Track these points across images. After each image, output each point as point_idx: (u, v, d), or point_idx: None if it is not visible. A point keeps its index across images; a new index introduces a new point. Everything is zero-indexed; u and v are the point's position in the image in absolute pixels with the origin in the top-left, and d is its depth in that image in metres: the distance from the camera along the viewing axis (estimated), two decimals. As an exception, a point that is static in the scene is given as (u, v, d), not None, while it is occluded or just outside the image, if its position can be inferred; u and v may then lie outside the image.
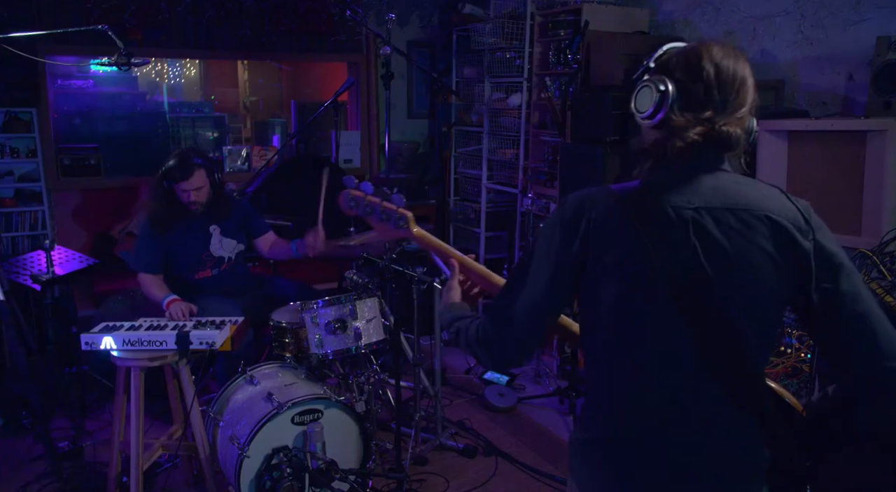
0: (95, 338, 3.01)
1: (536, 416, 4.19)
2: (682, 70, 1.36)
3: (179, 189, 3.60)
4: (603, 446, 1.43)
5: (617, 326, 1.36)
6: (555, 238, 1.39)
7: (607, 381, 1.41)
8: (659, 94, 1.34)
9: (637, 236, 1.31)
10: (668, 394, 1.35)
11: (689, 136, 1.32)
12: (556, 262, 1.38)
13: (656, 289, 1.31)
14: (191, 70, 8.43)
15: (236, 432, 2.96)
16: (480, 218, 5.73)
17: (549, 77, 4.92)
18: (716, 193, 1.33)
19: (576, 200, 1.39)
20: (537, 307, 1.41)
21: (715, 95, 1.33)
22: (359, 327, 3.29)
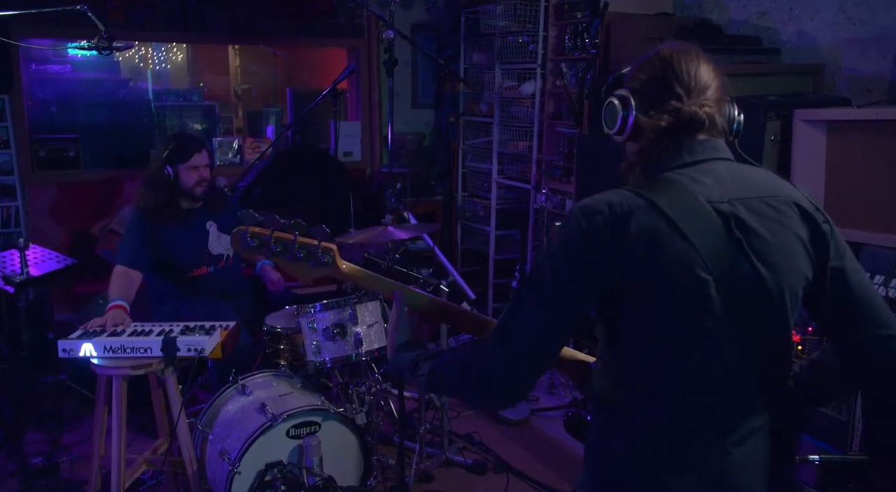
0: (74, 344, 3.00)
1: (551, 429, 4.18)
2: (636, 76, 1.47)
3: (188, 168, 3.66)
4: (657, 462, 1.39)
5: (667, 336, 1.35)
6: (578, 251, 1.34)
7: (654, 393, 1.39)
8: (619, 100, 1.45)
9: (682, 237, 1.31)
10: (719, 399, 1.38)
11: (659, 123, 1.41)
12: (582, 278, 1.34)
13: (706, 291, 1.32)
14: (178, 55, 8.43)
15: (227, 446, 2.96)
16: (490, 215, 5.72)
17: (565, 63, 4.91)
18: (737, 182, 1.40)
19: (595, 208, 1.35)
20: (556, 332, 1.37)
21: (674, 86, 1.42)
22: (359, 333, 3.28)
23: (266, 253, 1.66)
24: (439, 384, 1.48)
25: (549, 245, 1.32)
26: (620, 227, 1.31)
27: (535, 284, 1.35)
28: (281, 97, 7.88)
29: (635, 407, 1.41)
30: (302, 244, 1.66)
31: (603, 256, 1.32)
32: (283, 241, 1.65)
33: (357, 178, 6.02)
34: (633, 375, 1.40)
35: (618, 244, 1.31)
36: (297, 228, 1.65)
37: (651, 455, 1.39)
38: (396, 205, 4.37)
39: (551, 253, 1.36)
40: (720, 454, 1.38)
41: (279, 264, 1.68)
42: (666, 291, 1.32)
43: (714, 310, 1.32)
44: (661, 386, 1.37)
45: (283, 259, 1.67)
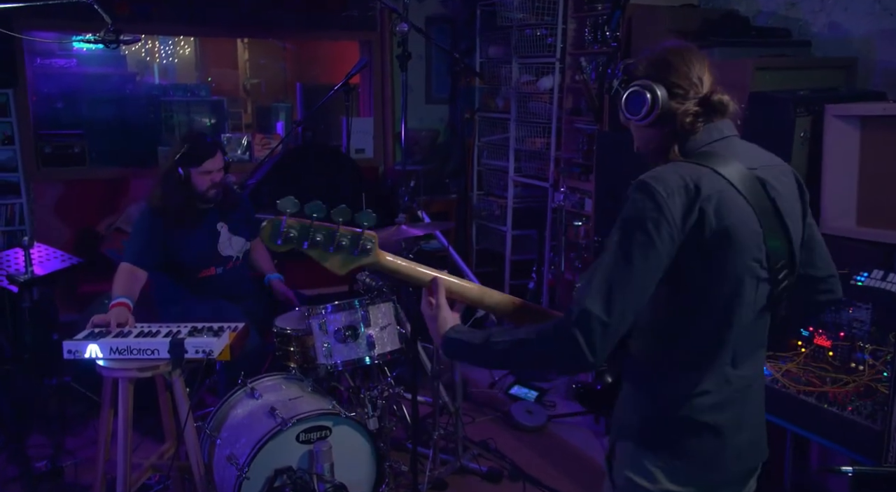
0: (79, 345, 3.00)
1: (569, 436, 4.17)
2: (654, 68, 1.71)
3: (200, 172, 3.64)
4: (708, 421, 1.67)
5: (726, 283, 1.61)
6: (662, 214, 1.54)
7: (705, 352, 1.66)
8: (651, 93, 1.67)
9: (742, 196, 1.60)
10: (751, 355, 1.72)
11: (692, 109, 1.67)
12: (670, 238, 1.54)
13: (759, 242, 1.62)
14: (185, 49, 8.48)
15: (235, 451, 2.96)
16: (506, 215, 5.71)
17: (585, 57, 4.89)
18: (753, 154, 1.72)
19: (668, 177, 1.57)
20: (647, 292, 1.55)
21: (692, 77, 1.69)
22: (372, 335, 3.28)
23: (302, 244, 1.62)
24: (524, 354, 1.60)
25: (625, 216, 1.43)
26: (695, 188, 1.55)
27: (627, 250, 1.54)
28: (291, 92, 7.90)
29: (677, 354, 1.67)
30: (345, 232, 1.64)
31: (684, 217, 1.55)
32: (325, 229, 1.63)
33: (369, 175, 6.03)
34: (682, 325, 1.65)
35: (695, 205, 1.55)
36: (342, 214, 1.62)
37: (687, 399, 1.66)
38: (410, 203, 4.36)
39: (635, 220, 1.55)
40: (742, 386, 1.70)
41: (314, 256, 1.66)
42: (731, 243, 1.58)
43: (761, 258, 1.63)
44: (707, 330, 1.64)
45: (320, 250, 1.65)
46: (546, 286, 5.35)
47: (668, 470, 1.68)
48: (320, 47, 8.27)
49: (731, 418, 1.69)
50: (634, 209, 1.56)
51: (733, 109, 1.72)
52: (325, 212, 1.61)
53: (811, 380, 2.62)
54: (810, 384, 2.59)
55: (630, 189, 1.59)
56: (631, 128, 1.80)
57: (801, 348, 2.81)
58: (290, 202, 1.60)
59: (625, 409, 1.77)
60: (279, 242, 1.62)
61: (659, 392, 1.70)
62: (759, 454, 1.79)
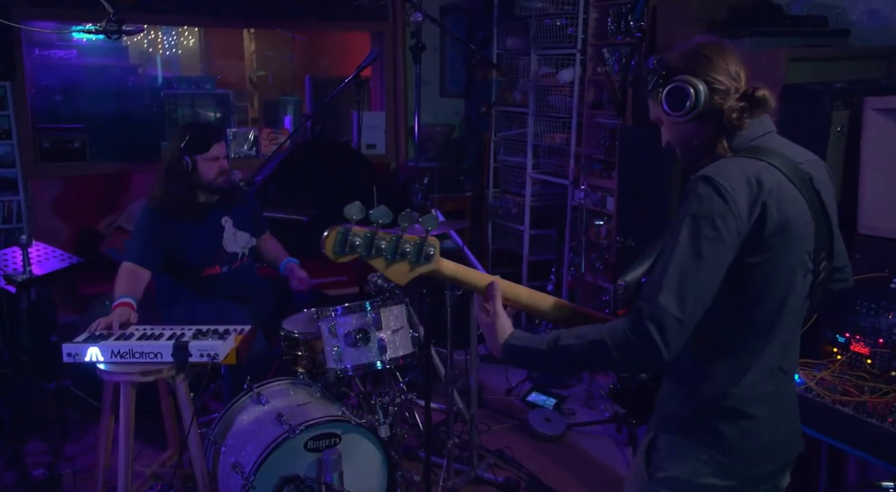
0: (79, 348, 3.02)
1: (589, 446, 4.16)
2: (692, 63, 1.77)
3: (207, 158, 3.68)
4: (754, 413, 1.74)
5: (782, 274, 1.70)
6: (729, 209, 1.62)
7: (756, 344, 1.74)
8: (694, 89, 1.74)
9: (796, 188, 1.70)
10: (793, 345, 1.82)
11: (739, 104, 1.74)
12: (737, 232, 1.62)
13: (810, 233, 1.72)
14: (189, 40, 8.51)
15: (241, 458, 2.97)
16: (524, 213, 5.70)
17: (608, 48, 4.88)
18: (795, 149, 1.80)
19: (731, 173, 1.65)
20: (712, 288, 1.63)
21: (731, 72, 1.76)
22: (383, 339, 3.27)
23: (367, 253, 1.60)
24: (596, 355, 1.64)
25: (692, 212, 1.47)
26: (757, 183, 1.64)
27: (697, 245, 1.61)
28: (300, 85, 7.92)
29: (726, 346, 1.75)
30: (409, 239, 1.64)
31: (749, 211, 1.63)
32: (389, 236, 1.63)
33: (381, 172, 6.03)
34: (736, 318, 1.72)
35: (759, 199, 1.63)
36: (407, 219, 1.62)
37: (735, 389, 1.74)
38: (423, 202, 4.36)
39: (703, 214, 1.62)
40: (785, 377, 1.80)
41: (377, 266, 1.65)
42: (790, 236, 1.67)
43: (811, 250, 1.73)
44: (761, 322, 1.72)
45: (382, 259, 1.65)
46: (565, 288, 5.34)
47: (712, 463, 1.74)
48: (330, 38, 8.28)
49: (775, 409, 1.77)
50: (701, 204, 1.63)
51: (773, 104, 1.79)
52: (392, 217, 1.60)
53: (848, 389, 2.59)
54: (847, 394, 2.56)
55: (691, 184, 1.66)
56: (664, 124, 1.85)
57: (837, 355, 2.78)
58: (357, 208, 1.57)
59: (668, 402, 1.84)
60: (346, 250, 1.60)
61: (705, 384, 1.76)
62: (797, 446, 1.86)
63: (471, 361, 3.87)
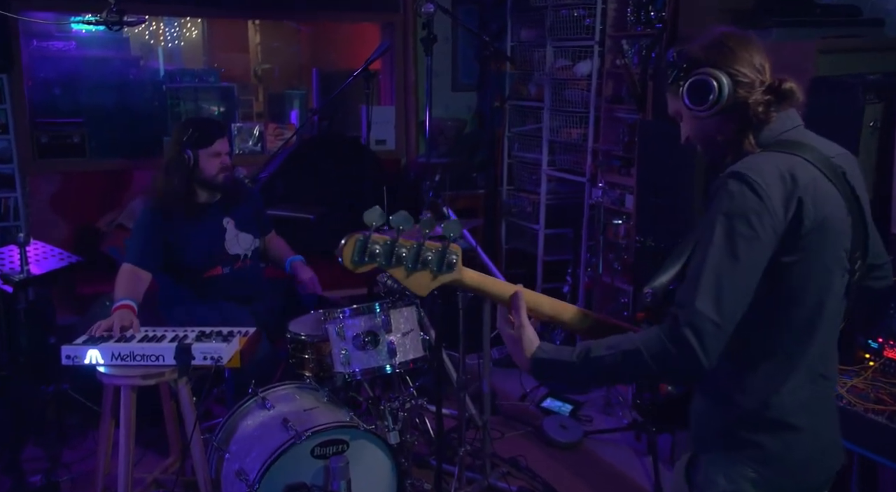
0: (78, 350, 3.02)
1: (606, 454, 4.15)
2: (716, 55, 1.74)
3: (210, 154, 3.69)
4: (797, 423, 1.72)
5: (820, 272, 1.68)
6: (764, 208, 1.60)
7: (795, 349, 1.72)
8: (717, 82, 1.72)
9: (832, 184, 1.68)
10: (832, 350, 1.80)
11: (765, 98, 1.72)
12: (773, 231, 1.61)
13: (846, 228, 1.72)
14: (192, 31, 8.53)
15: (245, 465, 2.97)
16: (539, 212, 5.69)
17: (627, 39, 4.86)
18: (825, 142, 1.78)
19: (764, 170, 1.63)
20: (749, 289, 1.61)
21: (756, 65, 1.74)
22: (393, 342, 3.27)
23: (387, 262, 1.56)
24: (631, 366, 1.62)
25: (725, 210, 1.56)
26: (792, 178, 1.63)
27: (732, 245, 1.60)
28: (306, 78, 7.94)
29: (764, 352, 1.72)
30: (430, 246, 1.60)
31: (785, 208, 1.62)
32: (409, 243, 1.58)
33: (391, 169, 6.03)
34: (773, 321, 1.70)
35: (794, 195, 1.62)
36: (428, 225, 1.57)
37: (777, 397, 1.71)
38: (434, 199, 4.35)
39: (737, 213, 1.60)
40: (826, 384, 1.78)
41: (397, 276, 1.61)
42: (827, 233, 1.66)
43: (848, 248, 1.73)
44: (799, 325, 1.70)
45: (403, 269, 1.61)
46: (582, 290, 5.32)
47: (757, 479, 1.72)
48: (338, 30, 8.28)
49: (817, 418, 1.75)
50: (734, 202, 1.61)
51: (800, 97, 1.77)
52: (413, 222, 1.55)
53: (881, 397, 2.56)
54: (880, 402, 2.54)
55: (720, 182, 1.64)
56: (684, 119, 1.83)
57: (869, 362, 2.75)
58: (378, 214, 1.52)
59: (703, 418, 1.81)
60: (365, 259, 1.55)
61: (743, 394, 1.73)
62: (840, 459, 1.83)
63: (484, 365, 3.86)
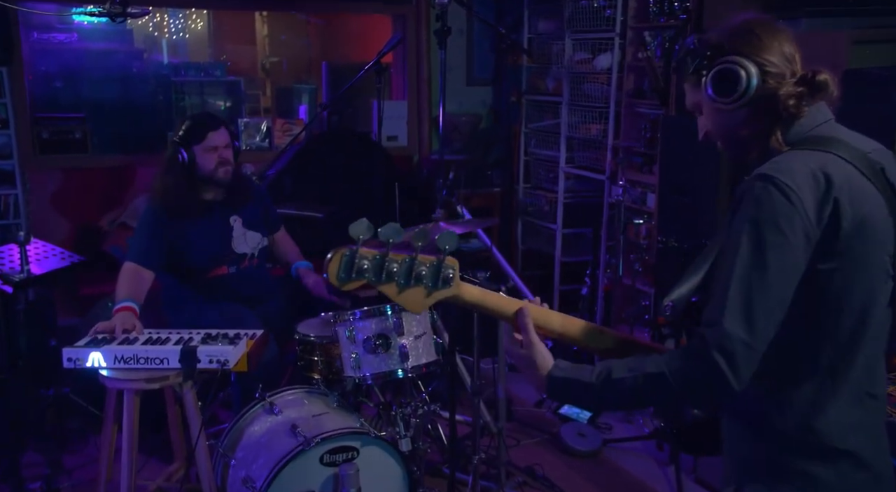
0: (80, 353, 3.02)
1: (627, 463, 4.13)
2: (743, 44, 1.67)
3: (205, 149, 3.67)
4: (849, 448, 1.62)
5: (863, 280, 1.59)
6: (796, 213, 1.53)
7: (839, 365, 1.62)
8: (745, 71, 1.64)
9: (870, 182, 1.60)
10: (880, 365, 1.69)
11: (797, 89, 1.65)
12: (806, 239, 1.53)
13: (889, 230, 1.63)
14: (197, 23, 8.57)
15: (251, 473, 2.98)
16: (556, 211, 5.68)
17: (649, 31, 4.85)
18: (859, 137, 1.70)
19: (795, 170, 1.56)
20: (783, 302, 1.54)
21: (786, 54, 1.68)
22: (405, 345, 3.27)
23: (376, 278, 1.50)
24: (656, 389, 1.57)
25: (751, 216, 1.51)
26: (825, 178, 1.55)
27: (760, 254, 1.53)
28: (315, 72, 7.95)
29: (804, 369, 1.63)
30: (424, 260, 1.53)
31: (818, 210, 1.54)
32: (401, 258, 1.52)
33: (403, 166, 6.03)
34: (813, 334, 1.61)
35: (829, 196, 1.54)
36: (420, 237, 1.51)
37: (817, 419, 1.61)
38: (448, 198, 4.35)
39: (764, 218, 1.54)
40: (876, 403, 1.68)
41: (388, 293, 1.55)
42: (868, 236, 1.58)
43: (892, 252, 1.64)
44: (842, 339, 1.61)
45: (394, 285, 1.54)
46: (601, 292, 5.31)
47: None
48: (349, 22, 8.30)
49: (871, 441, 1.66)
50: (761, 206, 1.54)
51: (834, 90, 1.71)
52: (402, 234, 1.49)
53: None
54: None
55: (747, 185, 1.58)
56: (704, 112, 1.77)
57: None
58: (365, 227, 1.47)
59: (739, 445, 1.73)
60: (353, 276, 1.50)
61: (782, 417, 1.64)
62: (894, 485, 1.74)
63: (499, 369, 3.85)
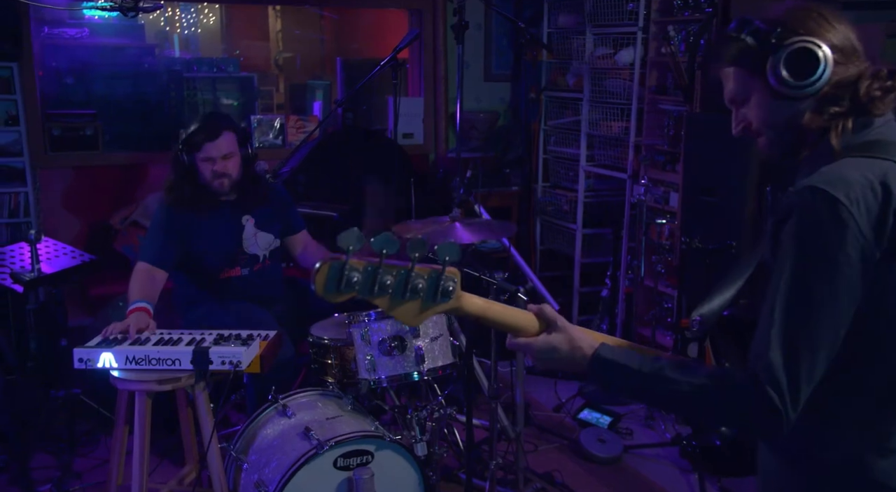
0: (91, 353, 3.04)
1: (648, 470, 4.13)
2: (811, 23, 1.53)
3: (202, 158, 3.66)
4: None
5: None
6: (853, 236, 1.42)
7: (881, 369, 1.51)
8: (822, 52, 1.50)
9: None
10: None
11: (881, 83, 1.52)
12: (859, 262, 1.43)
13: None
14: (210, 18, 8.59)
15: (264, 476, 2.99)
16: (576, 211, 5.68)
17: (673, 25, 4.84)
18: None
19: (850, 182, 1.44)
20: (838, 328, 1.45)
21: (853, 42, 1.55)
22: (421, 348, 3.28)
23: (368, 291, 1.43)
24: (701, 403, 1.52)
25: (799, 236, 1.41)
26: (884, 189, 1.43)
27: (809, 280, 1.43)
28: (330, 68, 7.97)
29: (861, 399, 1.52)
30: (421, 271, 1.46)
31: (877, 227, 1.43)
32: (396, 269, 1.44)
33: (419, 164, 6.04)
34: (871, 361, 1.50)
35: (888, 209, 1.43)
36: (417, 247, 1.43)
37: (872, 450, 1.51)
38: (465, 197, 4.37)
39: (814, 239, 1.43)
40: None
41: (381, 306, 1.48)
42: None
43: None
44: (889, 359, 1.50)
45: (389, 297, 1.46)
46: (622, 295, 5.30)
47: None
48: (364, 16, 8.30)
49: None
50: (810, 226, 1.44)
51: None
52: (397, 245, 1.42)
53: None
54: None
55: (795, 199, 1.47)
56: (755, 101, 1.60)
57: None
58: (355, 236, 1.39)
59: (783, 479, 1.63)
60: (341, 288, 1.41)
61: (830, 451, 1.55)
62: None
63: (517, 373, 3.85)
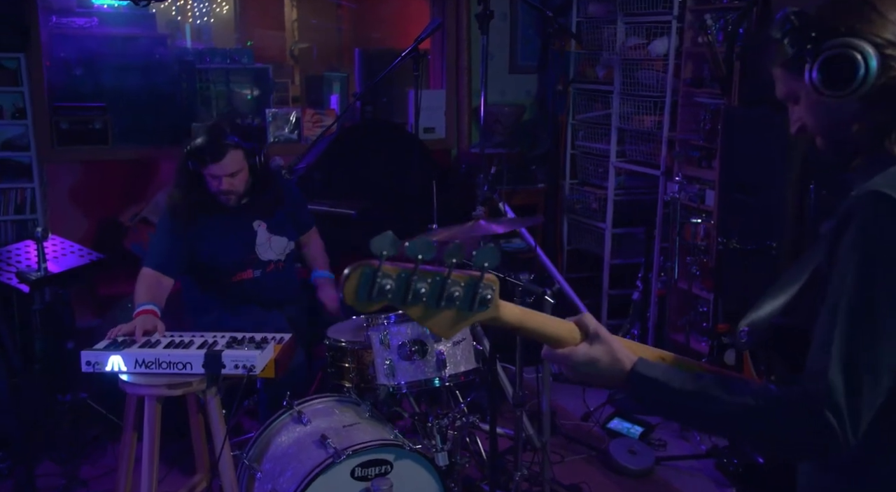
0: (99, 356, 3.05)
1: (682, 484, 4.12)
2: (853, 18, 1.48)
3: (208, 174, 3.66)
4: None
5: None
6: None
7: None
8: (863, 57, 1.45)
9: None
10: None
11: None
12: None
13: None
14: (223, 7, 8.63)
15: (278, 486, 3.00)
16: (606, 209, 5.67)
17: (710, 13, 4.82)
18: None
19: None
20: None
21: None
22: (442, 352, 3.28)
23: (401, 300, 1.37)
24: (748, 425, 1.49)
25: (861, 247, 1.36)
26: None
27: (872, 296, 1.40)
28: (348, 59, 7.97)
29: None
30: (458, 278, 1.39)
31: None
32: (431, 276, 1.38)
33: (441, 160, 6.04)
34: None
35: None
36: (454, 253, 1.36)
37: None
38: (490, 194, 4.36)
39: (878, 252, 1.40)
40: None
41: (414, 316, 1.41)
42: None
43: None
44: None
45: (423, 306, 1.39)
46: (654, 298, 5.28)
47: None
48: (383, 5, 8.32)
49: None
50: (876, 237, 1.40)
51: None
52: (434, 251, 1.35)
53: None
54: None
55: (856, 204, 1.43)
56: (803, 103, 1.59)
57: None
58: (389, 240, 1.32)
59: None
60: (373, 296, 1.34)
61: (887, 467, 1.51)
62: None
63: (543, 379, 3.85)
